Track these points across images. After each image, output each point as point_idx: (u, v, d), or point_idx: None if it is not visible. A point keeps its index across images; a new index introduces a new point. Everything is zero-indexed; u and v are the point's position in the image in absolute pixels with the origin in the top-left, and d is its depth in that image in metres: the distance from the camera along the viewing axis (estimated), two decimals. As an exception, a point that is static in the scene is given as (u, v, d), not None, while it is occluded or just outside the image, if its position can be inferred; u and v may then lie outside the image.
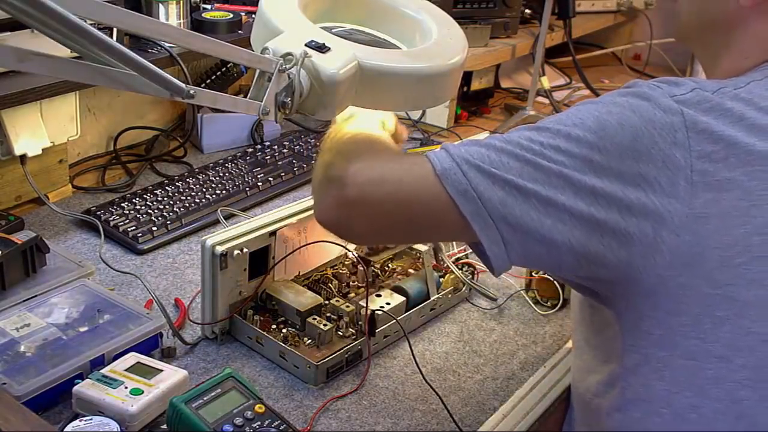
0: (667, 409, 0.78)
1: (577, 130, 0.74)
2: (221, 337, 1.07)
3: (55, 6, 0.68)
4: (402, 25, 1.11)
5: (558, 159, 0.74)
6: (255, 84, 0.93)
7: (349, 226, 0.81)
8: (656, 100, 0.75)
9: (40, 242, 1.11)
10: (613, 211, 0.73)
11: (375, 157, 0.83)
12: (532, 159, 0.74)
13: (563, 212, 0.73)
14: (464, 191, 0.74)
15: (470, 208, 0.74)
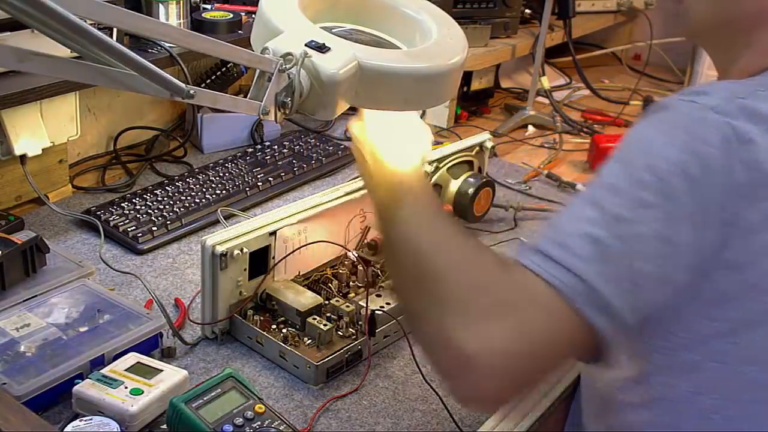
0: (692, 409, 0.78)
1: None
2: (221, 337, 1.07)
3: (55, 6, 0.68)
4: (402, 25, 1.11)
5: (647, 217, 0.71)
6: (255, 84, 0.93)
7: (491, 399, 0.71)
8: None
9: (40, 242, 1.11)
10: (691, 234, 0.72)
11: (478, 295, 0.70)
12: (625, 232, 0.70)
13: (668, 262, 0.71)
14: (601, 308, 0.68)
15: (605, 323, 0.69)
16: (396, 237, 0.81)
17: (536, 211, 1.50)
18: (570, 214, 0.74)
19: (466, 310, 0.68)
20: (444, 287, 0.71)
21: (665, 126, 0.75)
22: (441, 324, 0.69)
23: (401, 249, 0.79)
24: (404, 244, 0.79)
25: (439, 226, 0.80)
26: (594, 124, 1.98)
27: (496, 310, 0.68)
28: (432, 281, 0.72)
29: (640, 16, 2.40)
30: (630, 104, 2.09)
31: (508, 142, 1.83)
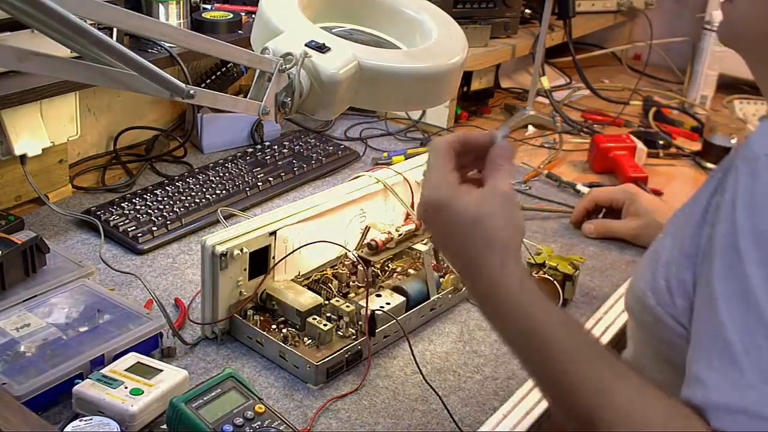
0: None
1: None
2: (221, 337, 1.07)
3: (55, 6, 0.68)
4: (402, 25, 1.11)
5: None
6: (255, 84, 0.93)
7: None
8: None
9: (40, 242, 1.11)
10: None
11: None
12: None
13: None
14: None
15: None
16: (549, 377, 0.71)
17: (536, 211, 1.50)
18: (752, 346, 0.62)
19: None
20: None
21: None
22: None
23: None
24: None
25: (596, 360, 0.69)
26: (594, 124, 1.98)
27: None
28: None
29: (640, 16, 2.40)
30: (630, 104, 2.09)
31: (508, 142, 1.83)
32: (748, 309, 0.63)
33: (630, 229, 1.40)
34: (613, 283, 1.29)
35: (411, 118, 1.87)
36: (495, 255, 0.72)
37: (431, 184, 0.75)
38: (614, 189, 1.46)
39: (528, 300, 0.71)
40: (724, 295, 0.65)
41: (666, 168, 1.77)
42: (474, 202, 0.73)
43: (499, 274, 0.72)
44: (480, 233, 0.73)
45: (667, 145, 1.83)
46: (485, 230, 0.73)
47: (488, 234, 0.73)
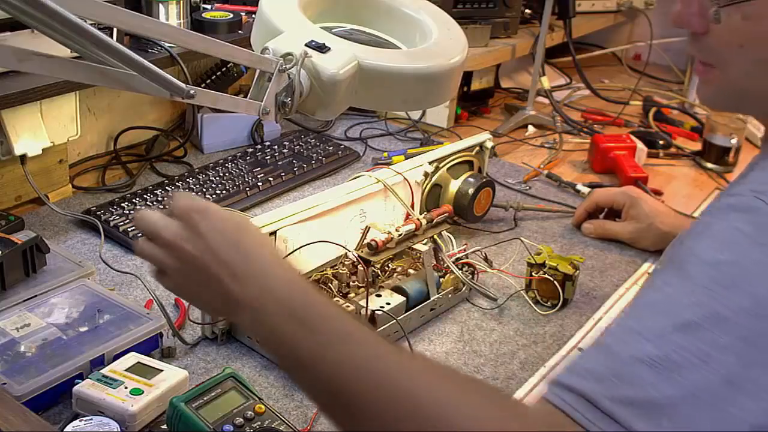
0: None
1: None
2: (221, 337, 1.07)
3: (55, 6, 0.68)
4: (402, 25, 1.11)
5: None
6: (255, 84, 0.93)
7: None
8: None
9: (40, 242, 1.11)
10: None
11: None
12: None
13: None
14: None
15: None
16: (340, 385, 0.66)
17: (536, 211, 1.50)
18: (623, 345, 0.63)
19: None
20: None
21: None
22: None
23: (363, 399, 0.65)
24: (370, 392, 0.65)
25: (405, 360, 0.68)
26: (594, 124, 1.98)
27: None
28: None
29: (640, 16, 2.40)
30: (630, 104, 2.09)
31: (508, 142, 1.83)
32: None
33: (628, 232, 1.40)
34: (613, 283, 1.29)
35: (411, 118, 1.87)
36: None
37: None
38: (616, 191, 1.46)
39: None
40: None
41: (666, 168, 1.77)
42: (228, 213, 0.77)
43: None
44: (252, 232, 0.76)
45: (667, 145, 1.83)
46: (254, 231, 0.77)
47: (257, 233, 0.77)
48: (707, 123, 1.81)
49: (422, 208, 1.33)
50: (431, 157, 1.34)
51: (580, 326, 1.18)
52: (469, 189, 1.35)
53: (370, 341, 0.68)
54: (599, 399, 0.60)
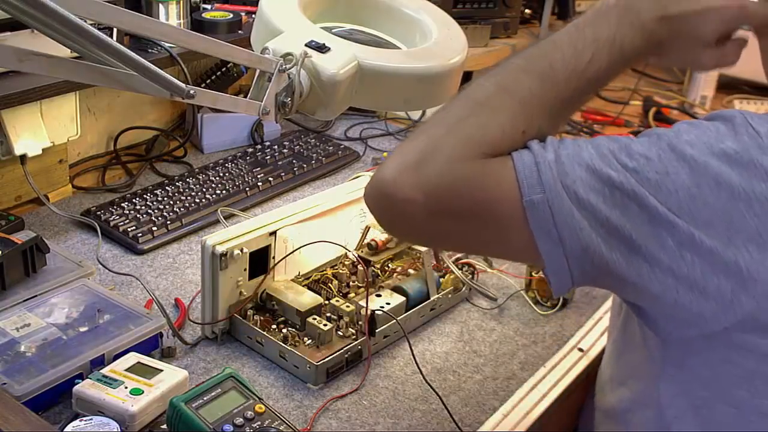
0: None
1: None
2: (221, 337, 1.07)
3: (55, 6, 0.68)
4: (402, 25, 1.11)
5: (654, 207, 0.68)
6: (255, 84, 0.93)
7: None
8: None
9: (40, 242, 1.11)
10: (699, 269, 0.69)
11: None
12: (626, 201, 0.68)
13: (646, 262, 0.69)
14: (547, 231, 0.68)
15: (547, 246, 0.69)
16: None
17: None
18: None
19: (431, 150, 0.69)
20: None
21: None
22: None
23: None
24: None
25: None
26: (594, 124, 1.98)
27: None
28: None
29: (640, 16, 2.40)
30: (630, 104, 2.09)
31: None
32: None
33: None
34: (613, 283, 1.29)
35: (411, 118, 1.87)
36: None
37: None
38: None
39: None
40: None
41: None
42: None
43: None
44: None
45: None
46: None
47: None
48: (707, 123, 1.81)
49: (422, 208, 1.32)
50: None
51: (580, 326, 1.18)
52: (469, 189, 1.35)
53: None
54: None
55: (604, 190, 0.68)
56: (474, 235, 0.72)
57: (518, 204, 0.68)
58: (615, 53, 0.75)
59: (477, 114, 0.72)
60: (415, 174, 0.68)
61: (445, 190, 0.69)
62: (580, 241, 0.68)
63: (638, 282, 0.70)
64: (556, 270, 0.70)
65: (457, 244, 0.76)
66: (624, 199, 0.68)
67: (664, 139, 0.71)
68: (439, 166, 0.69)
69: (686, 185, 0.68)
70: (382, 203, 0.70)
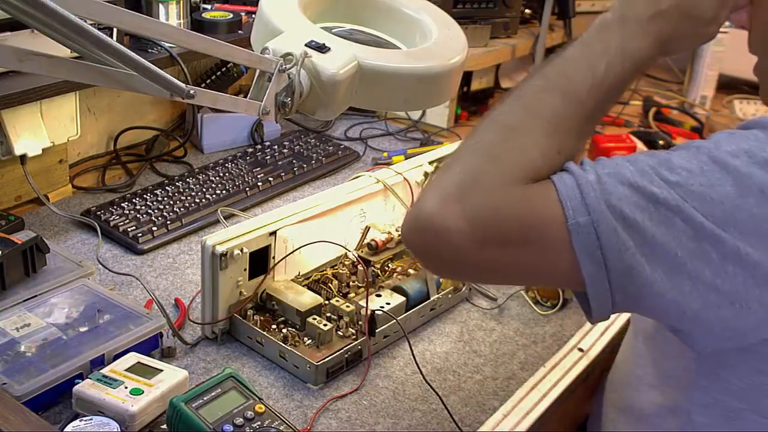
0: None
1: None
2: (221, 337, 1.07)
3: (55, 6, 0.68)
4: (402, 25, 1.11)
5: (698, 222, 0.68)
6: (255, 84, 0.93)
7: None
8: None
9: (40, 242, 1.11)
10: (741, 281, 0.68)
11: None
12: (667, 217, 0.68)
13: (690, 279, 0.68)
14: (592, 253, 0.68)
15: (591, 269, 0.68)
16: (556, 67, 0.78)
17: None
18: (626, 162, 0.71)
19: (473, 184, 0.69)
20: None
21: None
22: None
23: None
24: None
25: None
26: (594, 124, 1.97)
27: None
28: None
29: (640, 16, 2.39)
30: (630, 104, 2.09)
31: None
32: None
33: None
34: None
35: (411, 118, 1.87)
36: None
37: None
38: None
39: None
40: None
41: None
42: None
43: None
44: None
45: (667, 145, 1.83)
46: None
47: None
48: (707, 123, 1.81)
49: (422, 208, 1.32)
50: (431, 157, 1.34)
51: (580, 326, 1.18)
52: (469, 189, 1.35)
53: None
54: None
55: (649, 207, 0.67)
56: (521, 262, 0.71)
57: (563, 227, 0.67)
58: (627, 62, 0.75)
59: (511, 139, 0.72)
60: (458, 204, 0.67)
61: (490, 218, 0.68)
62: (624, 262, 0.67)
63: (679, 300, 0.69)
64: (598, 294, 0.69)
65: (505, 273, 0.74)
66: (668, 214, 0.67)
67: (704, 150, 0.70)
68: (483, 195, 0.68)
69: (731, 196, 0.67)
70: (426, 237, 0.69)
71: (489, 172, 0.69)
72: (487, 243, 0.68)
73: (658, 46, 0.77)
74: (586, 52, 0.76)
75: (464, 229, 0.67)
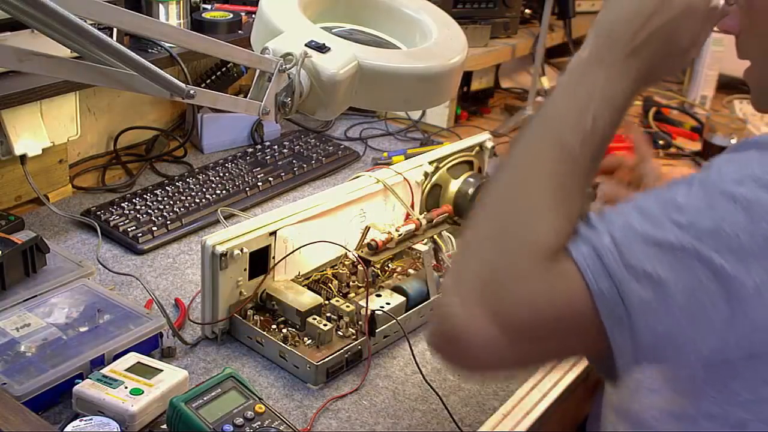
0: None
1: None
2: (221, 337, 1.07)
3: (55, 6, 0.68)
4: (402, 25, 1.11)
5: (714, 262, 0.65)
6: (255, 84, 0.93)
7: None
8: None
9: (40, 242, 1.11)
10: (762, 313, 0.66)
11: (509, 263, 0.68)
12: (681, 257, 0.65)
13: (711, 322, 0.66)
14: (619, 319, 0.65)
15: (618, 336, 0.66)
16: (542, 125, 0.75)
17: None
18: (636, 213, 0.68)
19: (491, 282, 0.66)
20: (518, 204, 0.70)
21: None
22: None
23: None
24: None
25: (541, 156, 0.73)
26: (594, 124, 1.97)
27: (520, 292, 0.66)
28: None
29: (640, 16, 2.39)
30: (630, 104, 2.09)
31: (508, 142, 1.83)
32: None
33: None
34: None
35: (411, 118, 1.87)
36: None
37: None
38: (642, 158, 1.40)
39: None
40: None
41: (666, 168, 1.76)
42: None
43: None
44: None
45: (667, 145, 1.83)
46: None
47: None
48: (707, 123, 1.81)
49: (422, 208, 1.33)
50: (431, 157, 1.34)
51: (580, 326, 1.17)
52: (469, 189, 1.35)
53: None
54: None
55: (667, 256, 0.65)
56: (555, 346, 0.69)
57: (588, 299, 0.65)
58: (613, 107, 0.74)
59: (518, 223, 0.70)
60: (482, 308, 0.65)
61: (519, 314, 0.66)
62: (649, 318, 0.65)
63: (697, 341, 0.67)
64: (622, 353, 0.67)
65: (541, 360, 0.73)
66: (686, 258, 0.65)
67: (707, 183, 0.68)
68: (504, 293, 0.66)
69: (744, 226, 0.65)
70: (457, 348, 0.66)
71: (504, 266, 0.67)
72: (520, 338, 0.66)
73: (639, 82, 0.76)
74: (571, 105, 0.74)
75: (494, 332, 0.65)
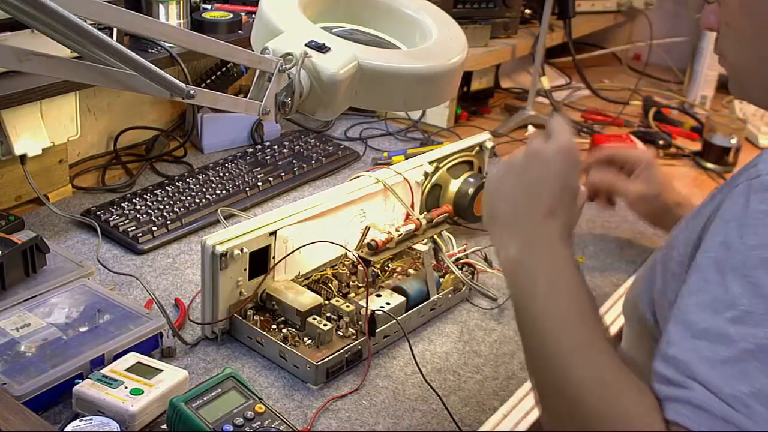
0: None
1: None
2: (221, 337, 1.08)
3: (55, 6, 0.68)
4: (402, 25, 1.11)
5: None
6: (255, 84, 0.93)
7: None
8: None
9: (41, 242, 1.11)
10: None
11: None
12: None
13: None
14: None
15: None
16: (526, 324, 0.75)
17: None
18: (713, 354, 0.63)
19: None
20: (578, 407, 0.67)
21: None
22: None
23: (530, 338, 0.75)
24: (534, 336, 0.74)
25: (577, 323, 0.72)
26: (594, 124, 1.98)
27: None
28: (565, 393, 0.69)
29: (640, 16, 2.40)
30: (630, 104, 2.09)
31: (508, 142, 1.83)
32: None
33: (635, 192, 1.30)
34: (613, 283, 1.29)
35: (411, 118, 1.87)
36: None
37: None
38: (633, 150, 1.38)
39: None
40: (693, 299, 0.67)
41: (666, 168, 1.76)
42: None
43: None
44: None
45: (667, 145, 1.83)
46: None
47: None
48: (707, 123, 1.81)
49: (422, 208, 1.33)
50: (431, 157, 1.34)
51: (580, 326, 1.17)
52: (469, 189, 1.35)
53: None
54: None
55: (750, 362, 0.62)
56: None
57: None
58: (566, 271, 0.75)
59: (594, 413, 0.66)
60: None
61: None
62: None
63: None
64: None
65: None
66: (760, 353, 0.62)
67: (737, 265, 0.65)
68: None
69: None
70: None
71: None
72: None
73: (568, 234, 0.78)
74: (546, 303, 0.74)
75: None
